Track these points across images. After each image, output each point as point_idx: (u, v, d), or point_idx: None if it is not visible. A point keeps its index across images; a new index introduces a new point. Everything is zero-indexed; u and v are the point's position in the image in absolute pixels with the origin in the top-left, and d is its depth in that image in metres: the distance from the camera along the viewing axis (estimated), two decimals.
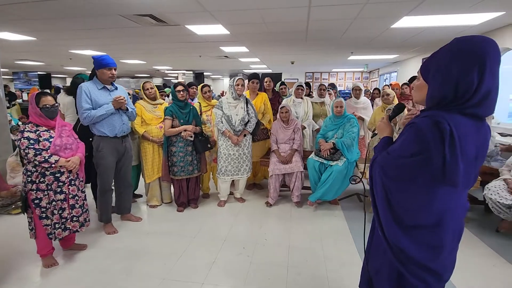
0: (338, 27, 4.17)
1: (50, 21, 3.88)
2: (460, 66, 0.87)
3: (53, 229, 2.11)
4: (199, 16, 3.57)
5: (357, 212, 3.17)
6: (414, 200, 0.95)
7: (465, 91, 0.87)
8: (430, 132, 0.86)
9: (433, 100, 0.93)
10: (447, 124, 0.85)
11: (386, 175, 0.99)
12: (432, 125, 0.86)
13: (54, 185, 2.08)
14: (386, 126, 1.19)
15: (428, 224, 0.94)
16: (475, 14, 3.49)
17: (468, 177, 0.92)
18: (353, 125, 3.21)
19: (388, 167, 0.99)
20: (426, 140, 0.87)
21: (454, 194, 0.93)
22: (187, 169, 3.05)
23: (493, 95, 0.89)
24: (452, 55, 0.89)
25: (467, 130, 0.87)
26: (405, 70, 8.23)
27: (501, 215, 2.56)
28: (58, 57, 7.82)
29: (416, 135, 0.90)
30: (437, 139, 0.85)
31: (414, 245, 0.96)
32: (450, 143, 0.85)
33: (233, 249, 2.43)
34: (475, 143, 0.90)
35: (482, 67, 0.85)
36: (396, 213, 0.98)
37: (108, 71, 2.47)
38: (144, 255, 2.35)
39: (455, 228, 0.96)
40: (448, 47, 0.91)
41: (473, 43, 0.88)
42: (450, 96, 0.89)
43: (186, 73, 12.50)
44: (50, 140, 2.07)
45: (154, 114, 3.13)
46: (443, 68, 0.90)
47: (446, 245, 0.95)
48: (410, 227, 0.97)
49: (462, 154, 0.86)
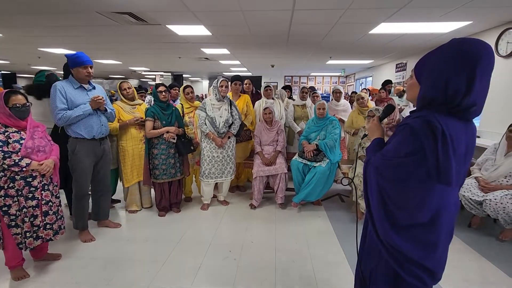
0: (319, 31, 4.26)
1: (18, 16, 3.63)
2: (450, 68, 0.88)
3: (24, 238, 1.95)
4: (182, 16, 3.50)
5: (340, 213, 3.22)
6: (410, 199, 0.95)
7: (454, 94, 0.88)
8: (423, 131, 0.87)
9: (424, 100, 0.94)
10: (438, 123, 0.86)
11: (381, 176, 0.99)
12: (424, 124, 0.88)
13: (25, 190, 1.93)
14: (376, 127, 1.20)
15: (423, 222, 0.96)
16: (445, 23, 3.71)
17: (459, 175, 0.95)
18: (335, 126, 3.28)
19: (384, 168, 0.99)
20: (419, 140, 0.88)
21: (448, 192, 0.95)
22: (169, 172, 2.96)
23: (482, 101, 0.91)
24: (445, 56, 0.90)
25: (456, 130, 0.89)
26: (379, 74, 8.58)
27: (473, 211, 2.71)
28: (26, 56, 7.34)
29: (410, 135, 0.91)
30: (429, 138, 0.87)
31: (410, 244, 0.96)
32: (443, 141, 0.86)
33: (219, 253, 2.38)
34: (464, 142, 0.92)
35: (472, 71, 0.86)
36: (392, 213, 0.99)
37: (84, 69, 2.33)
38: (125, 263, 2.23)
39: (448, 225, 0.99)
40: (443, 47, 0.92)
41: (466, 47, 0.88)
42: (440, 98, 0.90)
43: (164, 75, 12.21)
44: (21, 142, 1.92)
45: (133, 115, 3.01)
46: (435, 69, 0.92)
47: (440, 243, 0.97)
48: (405, 226, 0.97)
49: (454, 153, 0.88)
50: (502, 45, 3.70)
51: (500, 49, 3.72)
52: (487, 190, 2.63)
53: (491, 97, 3.89)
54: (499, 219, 2.51)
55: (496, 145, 2.83)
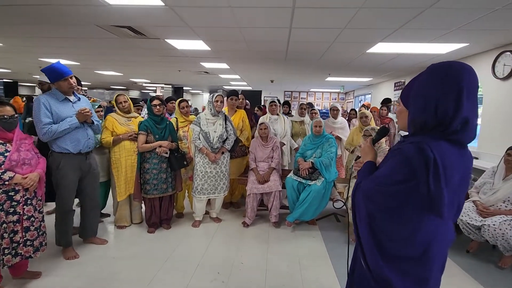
0: (317, 49, 4.30)
1: (20, 27, 3.66)
2: (437, 90, 0.88)
3: (2, 255, 1.86)
4: (180, 31, 3.53)
5: (335, 233, 3.13)
6: (400, 230, 0.91)
7: (444, 116, 0.87)
8: (416, 159, 0.85)
9: (415, 125, 0.93)
10: (430, 152, 0.84)
11: (371, 202, 0.96)
12: (417, 151, 0.85)
13: (7, 204, 1.86)
14: (369, 150, 1.17)
15: (413, 255, 0.91)
16: (442, 44, 3.74)
17: (453, 206, 0.91)
18: (332, 145, 3.24)
19: (374, 193, 0.95)
20: (412, 167, 0.85)
21: (441, 225, 0.90)
22: (160, 187, 2.89)
23: (473, 121, 0.90)
24: (431, 80, 0.90)
25: (452, 158, 0.87)
26: (378, 92, 8.64)
27: (471, 235, 2.63)
28: (27, 65, 7.40)
29: (402, 162, 0.88)
30: (422, 166, 0.84)
31: (399, 277, 0.91)
32: (434, 171, 0.83)
33: (207, 274, 2.28)
34: (459, 171, 0.89)
35: (460, 92, 0.86)
36: (380, 242, 0.94)
37: (64, 82, 2.24)
38: (108, 283, 2.13)
39: (440, 259, 0.94)
40: (426, 72, 0.92)
41: (448, 69, 0.89)
42: (431, 121, 0.89)
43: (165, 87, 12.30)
44: (5, 155, 1.87)
45: (127, 128, 2.97)
46: (422, 93, 0.91)
47: (431, 278, 0.91)
48: (394, 257, 0.92)
49: (447, 183, 0.85)
50: (499, 67, 3.71)
51: (497, 71, 3.73)
52: (486, 215, 2.56)
53: (489, 119, 3.92)
54: (498, 245, 2.43)
55: (495, 168, 2.78)
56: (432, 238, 0.90)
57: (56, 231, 2.43)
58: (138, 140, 2.81)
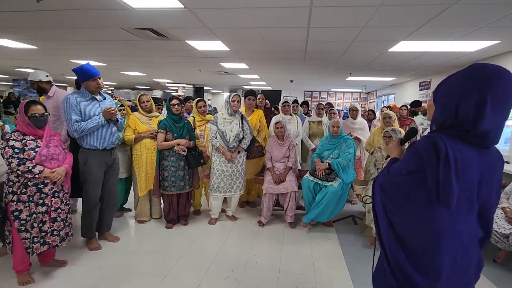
0: (336, 48, 4.23)
1: (52, 30, 3.91)
2: (462, 92, 0.87)
3: (32, 243, 2.00)
4: (199, 32, 3.61)
5: (352, 236, 3.07)
6: (410, 220, 0.93)
7: (464, 120, 0.86)
8: (427, 152, 0.86)
9: (436, 122, 0.94)
10: (443, 146, 0.84)
11: (384, 193, 0.99)
12: (429, 145, 0.86)
13: (36, 196, 2.00)
14: (395, 147, 1.19)
15: (424, 246, 0.91)
16: (470, 42, 3.55)
17: (470, 203, 0.89)
18: (350, 146, 3.18)
19: (386, 184, 0.99)
20: (421, 160, 0.87)
21: (452, 218, 0.89)
22: (178, 184, 2.97)
23: (497, 131, 0.87)
24: (459, 80, 0.89)
25: (467, 156, 0.86)
26: (402, 92, 8.33)
27: (499, 244, 2.48)
28: (59, 66, 7.85)
29: (413, 154, 0.91)
30: (432, 159, 0.85)
31: (413, 268, 0.92)
32: (445, 163, 0.84)
33: (221, 271, 2.32)
34: (477, 170, 0.88)
35: (483, 98, 0.83)
36: (397, 232, 0.96)
37: (93, 82, 2.38)
38: (126, 275, 2.22)
39: (456, 255, 0.91)
40: (461, 71, 0.90)
41: (480, 72, 0.85)
42: (450, 121, 0.89)
43: (186, 87, 12.59)
44: (36, 150, 2.00)
45: (149, 126, 3.09)
46: (448, 92, 0.91)
47: (443, 272, 0.89)
48: (409, 247, 0.94)
49: (458, 177, 0.85)
50: None
51: None
52: None
53: None
54: None
55: None
56: (443, 230, 0.89)
57: (82, 224, 2.57)
58: (157, 138, 2.91)
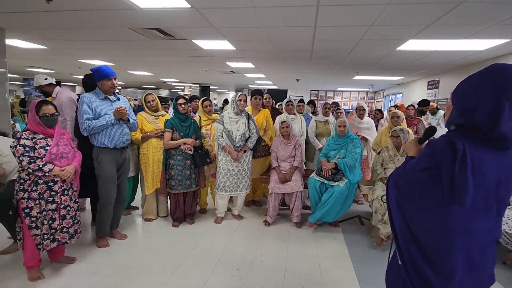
0: (343, 47, 4.20)
1: (61, 31, 3.97)
2: (478, 94, 0.85)
3: (42, 239, 2.04)
4: (206, 32, 3.63)
5: (358, 236, 3.05)
6: (424, 217, 0.93)
7: (481, 122, 0.85)
8: (444, 150, 0.86)
9: (453, 123, 0.94)
10: (461, 145, 0.84)
11: (398, 189, 0.99)
12: (446, 144, 0.86)
13: (46, 194, 2.04)
14: (413, 146, 1.18)
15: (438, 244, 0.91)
16: (480, 40, 3.49)
17: (488, 202, 0.89)
18: (356, 145, 3.16)
19: (401, 180, 0.99)
20: (437, 157, 0.87)
21: (468, 217, 0.88)
22: (184, 183, 2.99)
23: None
24: (477, 82, 0.87)
25: (485, 156, 0.86)
26: (410, 92, 8.24)
27: (509, 246, 2.43)
28: (68, 66, 7.98)
29: (429, 151, 0.91)
30: (448, 157, 0.85)
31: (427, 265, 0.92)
32: (461, 161, 0.83)
33: (227, 270, 2.33)
34: (495, 169, 0.87)
35: (499, 101, 0.81)
36: (411, 228, 0.96)
37: (108, 81, 2.46)
38: (133, 272, 2.25)
39: (471, 255, 0.90)
40: (480, 72, 0.88)
41: (498, 74, 0.83)
42: (469, 123, 0.88)
43: (193, 86, 12.66)
44: (46, 148, 2.04)
45: (155, 126, 3.12)
46: (466, 94, 0.90)
47: (457, 271, 0.89)
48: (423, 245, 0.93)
49: (475, 175, 0.84)
50: None
51: None
52: None
53: None
54: None
55: None
56: (455, 228, 0.88)
57: (97, 221, 2.60)
58: (164, 137, 2.93)
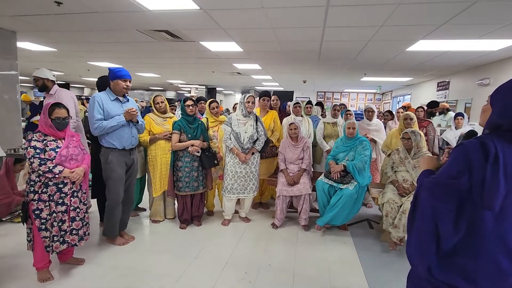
0: (352, 48, 4.15)
1: (71, 33, 4.01)
2: None
3: (51, 241, 2.05)
4: (214, 33, 3.62)
5: (368, 240, 3.00)
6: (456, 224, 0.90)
7: None
8: (475, 152, 0.85)
9: (491, 125, 0.92)
10: (493, 147, 0.83)
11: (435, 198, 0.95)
12: (478, 145, 0.85)
13: (56, 196, 2.04)
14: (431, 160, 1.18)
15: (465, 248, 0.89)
16: (494, 40, 3.41)
17: None
18: (366, 147, 3.11)
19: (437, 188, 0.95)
20: (469, 160, 0.86)
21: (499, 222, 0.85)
22: (192, 185, 2.98)
23: None
24: None
25: None
26: (419, 93, 8.12)
27: None
28: (77, 68, 8.08)
29: (461, 154, 0.89)
30: (480, 160, 0.84)
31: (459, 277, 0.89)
32: (493, 163, 0.82)
33: (235, 273, 2.31)
34: None
35: None
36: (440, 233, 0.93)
37: (123, 82, 2.48)
38: (142, 274, 2.25)
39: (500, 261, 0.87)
40: None
41: None
42: (506, 125, 0.87)
43: (199, 88, 12.71)
44: (56, 150, 2.05)
45: (163, 128, 3.11)
46: (506, 97, 0.89)
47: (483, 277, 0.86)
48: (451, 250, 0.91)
49: (507, 179, 0.82)
50: None
51: None
52: None
53: None
54: None
55: None
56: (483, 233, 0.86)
57: (105, 223, 2.62)
58: (172, 139, 2.93)
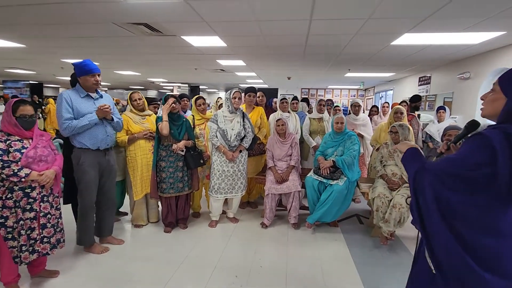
0: (338, 42, 4.11)
1: (39, 27, 3.72)
2: None
3: (20, 251, 1.85)
4: (196, 27, 3.46)
5: (359, 236, 2.95)
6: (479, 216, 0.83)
7: None
8: (500, 143, 0.78)
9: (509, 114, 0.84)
10: None
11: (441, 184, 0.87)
12: (503, 136, 0.78)
13: (23, 202, 1.84)
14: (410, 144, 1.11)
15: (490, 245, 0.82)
16: (475, 33, 3.46)
17: None
18: (354, 142, 3.06)
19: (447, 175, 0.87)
20: (494, 151, 0.79)
21: None
22: (176, 186, 2.82)
23: None
24: None
25: None
26: (401, 88, 8.27)
27: None
28: (50, 66, 7.63)
29: (483, 145, 0.81)
30: (506, 152, 0.77)
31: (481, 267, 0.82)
32: None
33: (225, 277, 2.18)
34: None
35: None
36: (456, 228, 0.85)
37: (91, 77, 2.26)
38: (124, 284, 2.07)
39: None
40: None
41: None
42: None
43: (182, 86, 12.42)
44: (22, 151, 1.85)
45: (142, 126, 2.92)
46: None
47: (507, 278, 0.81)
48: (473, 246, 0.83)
49: None
50: None
51: None
52: None
53: None
54: None
55: None
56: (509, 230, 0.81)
57: (78, 230, 2.42)
58: (162, 127, 2.66)
